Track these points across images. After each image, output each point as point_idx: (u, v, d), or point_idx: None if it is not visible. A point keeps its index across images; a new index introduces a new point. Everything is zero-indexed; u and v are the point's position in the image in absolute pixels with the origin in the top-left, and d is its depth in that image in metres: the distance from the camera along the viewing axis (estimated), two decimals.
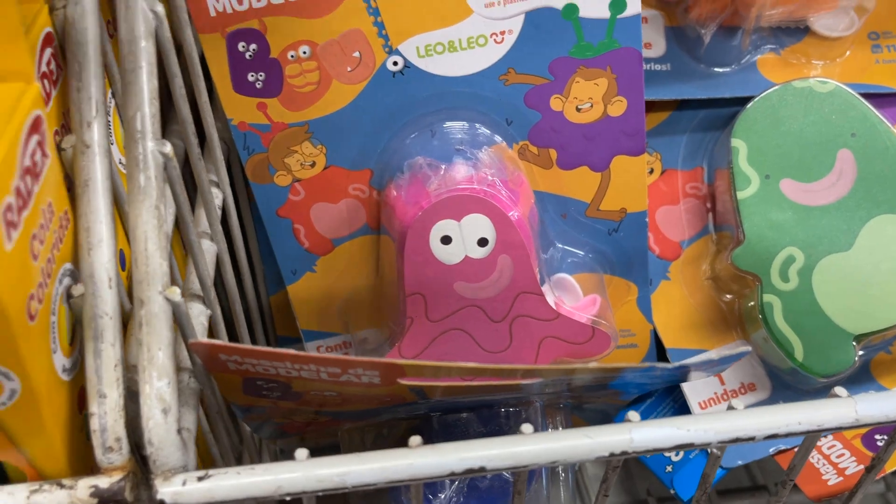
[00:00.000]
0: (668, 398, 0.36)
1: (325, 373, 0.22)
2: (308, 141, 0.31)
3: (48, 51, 0.22)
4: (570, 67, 0.31)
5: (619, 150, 0.32)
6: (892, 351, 0.34)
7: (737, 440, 0.22)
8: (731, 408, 0.23)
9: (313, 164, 0.32)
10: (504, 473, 0.26)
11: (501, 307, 0.31)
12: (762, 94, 0.33)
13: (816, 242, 0.32)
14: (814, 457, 0.32)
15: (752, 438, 0.22)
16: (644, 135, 0.32)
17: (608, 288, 0.35)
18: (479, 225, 0.30)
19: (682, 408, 0.36)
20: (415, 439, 0.22)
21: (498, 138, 0.32)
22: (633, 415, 0.22)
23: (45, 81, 0.21)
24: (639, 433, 0.22)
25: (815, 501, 0.31)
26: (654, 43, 0.35)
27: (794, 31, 0.36)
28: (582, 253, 0.35)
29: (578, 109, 0.32)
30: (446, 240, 0.30)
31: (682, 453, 0.35)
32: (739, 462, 0.34)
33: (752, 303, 0.33)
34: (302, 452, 0.21)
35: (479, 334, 0.32)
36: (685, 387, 0.34)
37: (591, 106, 0.32)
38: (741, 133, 0.33)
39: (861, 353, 0.32)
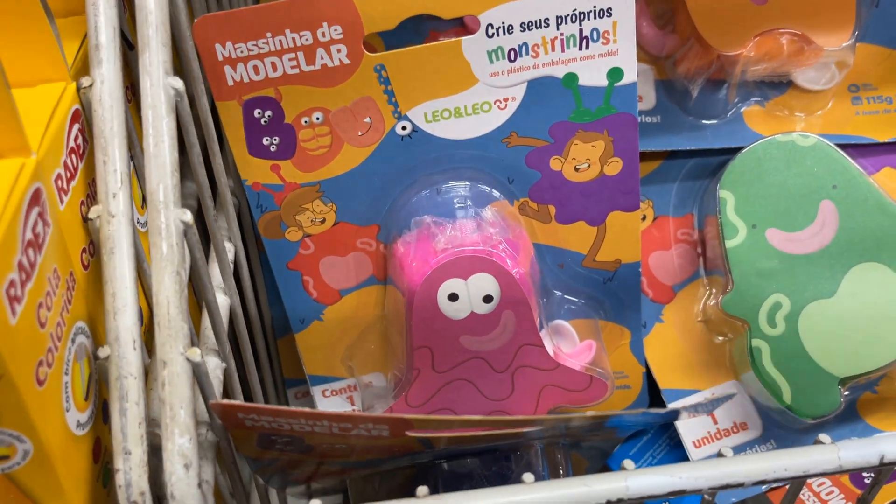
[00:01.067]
0: (663, 436, 0.37)
1: (337, 427, 0.23)
2: (319, 199, 0.33)
3: (76, 126, 0.23)
4: (569, 131, 0.33)
5: (614, 206, 0.34)
6: (878, 391, 0.35)
7: (727, 486, 0.23)
8: (720, 455, 0.24)
9: (323, 221, 0.33)
10: None
11: (504, 358, 0.33)
12: (747, 148, 0.35)
13: (802, 289, 0.33)
14: (804, 493, 0.33)
15: (741, 485, 0.23)
16: (638, 192, 0.34)
17: (603, 332, 0.36)
18: (484, 283, 0.31)
19: (676, 445, 0.37)
20: (422, 489, 0.23)
21: (498, 195, 0.34)
22: (628, 463, 0.23)
23: (73, 156, 0.23)
24: (634, 481, 0.23)
25: None
26: (644, 96, 0.37)
27: (777, 85, 0.37)
28: (578, 300, 0.36)
29: (577, 169, 0.33)
30: (453, 297, 0.31)
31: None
32: (733, 500, 0.35)
33: (742, 346, 0.34)
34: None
35: (483, 384, 0.33)
36: (679, 427, 0.36)
37: (589, 166, 0.33)
38: (728, 184, 0.35)
39: (847, 393, 0.33)
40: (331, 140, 0.31)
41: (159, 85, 0.23)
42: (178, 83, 0.23)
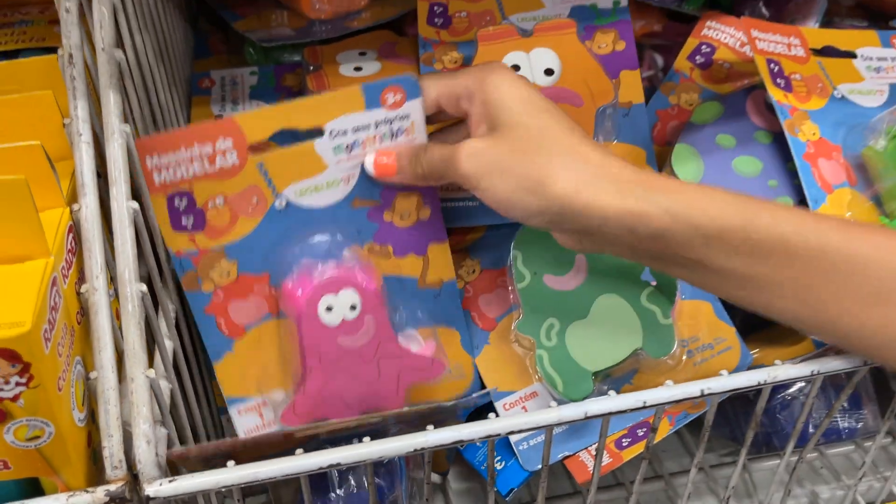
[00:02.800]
0: None
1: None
2: (224, 258, 0.43)
3: (71, 235, 0.37)
4: (392, 192, 0.45)
5: (431, 240, 0.46)
6: (634, 382, 0.49)
7: (489, 436, 0.37)
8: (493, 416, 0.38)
9: (229, 274, 0.43)
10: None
11: (370, 351, 0.44)
12: None
13: (567, 314, 0.47)
14: (585, 457, 0.47)
15: (498, 435, 0.37)
16: (444, 229, 0.46)
17: (441, 335, 0.48)
18: (350, 296, 0.43)
19: None
20: (299, 451, 0.36)
21: (352, 242, 0.45)
22: (430, 428, 0.37)
23: (70, 254, 0.36)
24: (432, 436, 0.37)
25: (582, 484, 0.46)
26: None
27: None
28: (420, 313, 0.48)
29: (402, 217, 0.46)
30: (329, 308, 0.43)
31: (503, 463, 0.49)
32: (538, 466, 0.47)
33: (534, 356, 0.48)
34: (231, 462, 0.35)
35: (358, 372, 0.44)
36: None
37: (410, 214, 0.46)
38: (518, 245, 0.48)
39: (605, 387, 0.46)
40: (230, 216, 0.42)
41: (123, 207, 0.37)
42: (135, 205, 0.37)
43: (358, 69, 0.57)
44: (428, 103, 0.43)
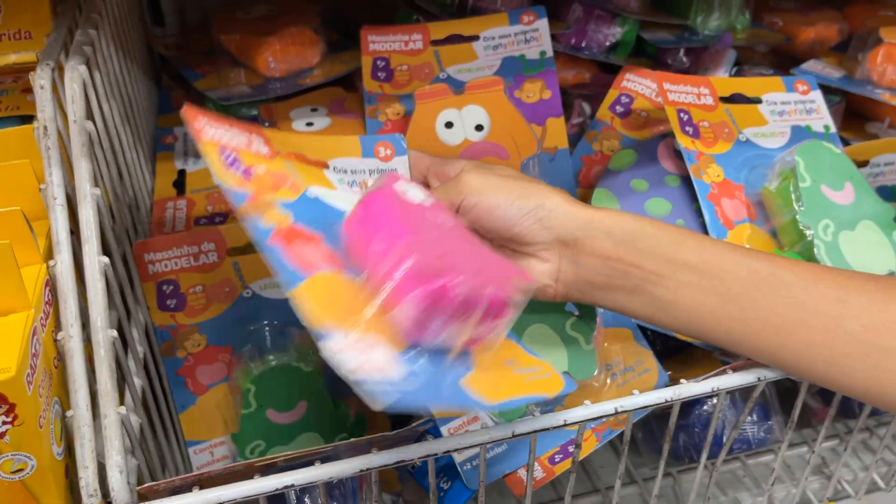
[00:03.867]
0: None
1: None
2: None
3: (47, 289, 0.41)
4: None
5: None
6: (565, 403, 0.54)
7: (427, 456, 0.42)
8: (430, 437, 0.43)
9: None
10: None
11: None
12: None
13: None
14: (523, 474, 0.52)
15: (436, 454, 0.42)
16: None
17: None
18: None
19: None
20: (257, 476, 0.41)
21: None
22: (375, 450, 0.42)
23: (47, 306, 0.41)
24: (375, 458, 0.41)
25: (519, 497, 0.51)
26: None
27: None
28: None
29: None
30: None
31: (449, 483, 0.54)
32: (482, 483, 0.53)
33: None
34: (196, 489, 0.40)
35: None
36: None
37: None
38: None
39: (536, 410, 0.52)
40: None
41: (94, 262, 0.41)
42: (106, 259, 0.42)
43: (310, 124, 0.62)
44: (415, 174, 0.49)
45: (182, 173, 0.62)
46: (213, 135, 0.39)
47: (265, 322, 0.52)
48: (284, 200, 0.40)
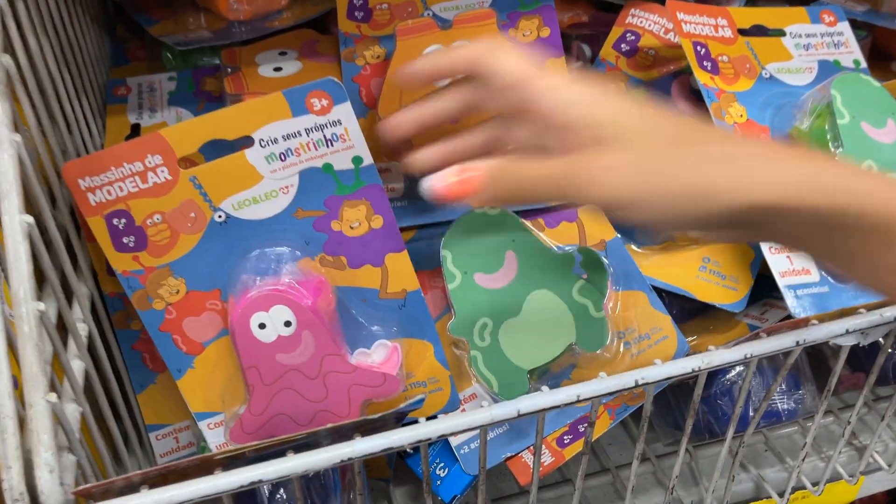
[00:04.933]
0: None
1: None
2: (171, 276, 0.43)
3: None
4: (338, 202, 0.44)
5: (387, 250, 0.45)
6: (572, 377, 0.48)
7: (419, 442, 0.36)
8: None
9: (178, 291, 0.43)
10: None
11: (313, 368, 0.44)
12: (457, 220, 0.47)
13: (499, 313, 0.46)
14: (527, 457, 0.46)
15: (428, 439, 0.36)
16: (401, 238, 0.46)
17: (410, 348, 0.47)
18: (282, 312, 0.42)
19: None
20: (218, 470, 0.34)
21: (300, 254, 0.45)
22: (358, 436, 0.36)
23: None
24: (359, 445, 0.35)
25: (525, 485, 0.45)
26: (395, 187, 0.50)
27: None
28: (385, 326, 0.46)
29: (351, 227, 0.45)
30: (262, 325, 0.42)
31: (446, 469, 0.48)
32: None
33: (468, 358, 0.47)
34: (145, 488, 0.33)
35: (304, 390, 0.44)
36: None
37: (359, 224, 0.45)
38: (447, 245, 0.47)
39: (545, 384, 0.46)
40: (170, 233, 0.42)
41: (15, 221, 0.34)
42: (29, 219, 0.35)
43: (278, 69, 0.55)
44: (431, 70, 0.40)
45: (136, 127, 0.55)
46: (97, 199, 0.41)
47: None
48: (178, 259, 0.43)
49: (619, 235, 0.50)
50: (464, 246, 0.47)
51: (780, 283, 0.47)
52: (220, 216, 0.43)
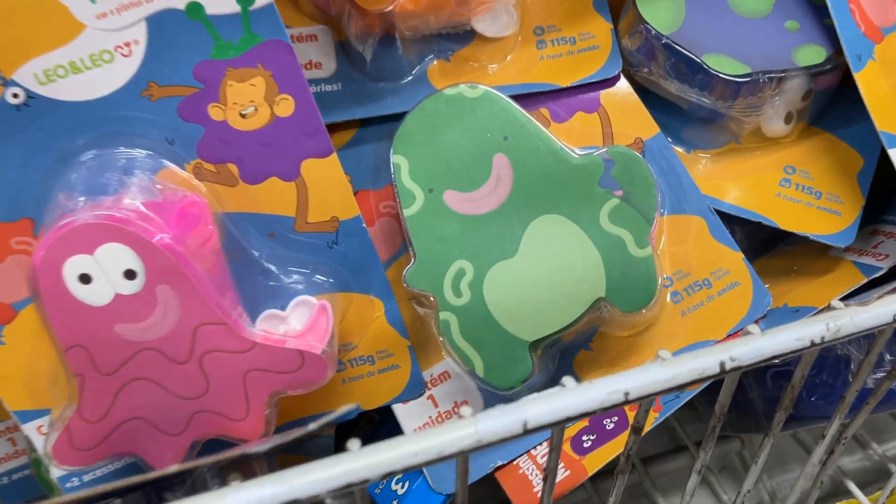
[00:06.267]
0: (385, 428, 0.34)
1: None
2: None
3: None
4: (216, 71, 0.27)
5: (304, 153, 0.29)
6: (593, 348, 0.32)
7: (349, 486, 0.19)
8: (344, 449, 0.20)
9: None
10: None
11: (181, 346, 0.28)
12: (416, 107, 0.30)
13: (484, 252, 0.29)
14: (528, 468, 0.30)
15: (366, 481, 0.19)
16: (326, 133, 0.29)
17: (351, 307, 0.32)
18: (118, 255, 0.26)
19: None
20: None
21: (163, 161, 0.29)
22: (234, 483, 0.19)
23: None
24: (232, 497, 0.18)
25: None
26: (323, 63, 0.33)
27: (460, 37, 0.33)
28: (307, 273, 0.31)
29: (243, 115, 0.28)
30: (85, 278, 0.26)
31: (405, 485, 0.32)
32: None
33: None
34: None
35: (169, 381, 0.28)
36: (399, 414, 0.32)
37: (256, 110, 0.28)
38: (401, 148, 0.30)
39: (547, 360, 0.30)
40: None
41: None
42: None
43: None
44: None
45: None
46: None
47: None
48: None
49: (661, 132, 0.33)
50: (427, 149, 0.30)
51: None
52: (14, 95, 0.26)
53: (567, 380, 0.22)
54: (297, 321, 0.30)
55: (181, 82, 0.27)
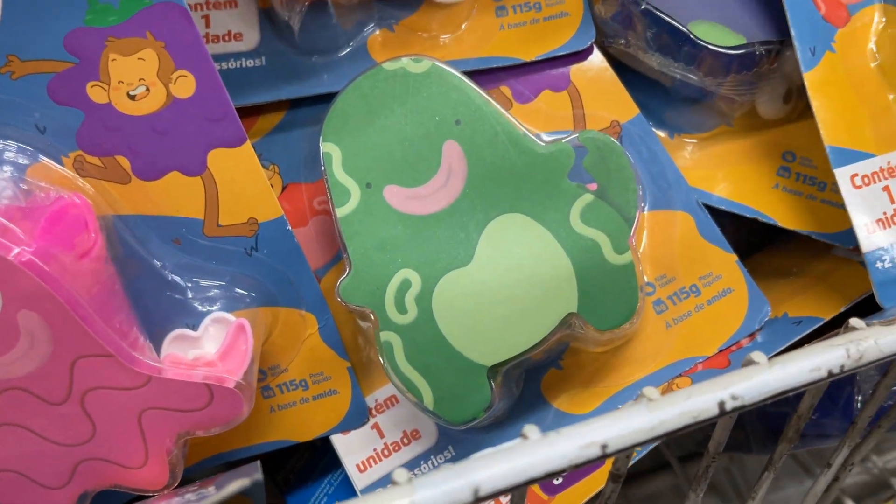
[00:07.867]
0: (332, 473, 0.29)
1: None
2: None
3: None
4: (94, 41, 0.22)
5: (210, 142, 0.24)
6: (563, 366, 0.27)
7: None
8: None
9: None
10: None
11: (56, 383, 0.23)
12: (349, 85, 0.25)
13: (432, 260, 0.24)
14: None
15: None
16: (236, 118, 0.24)
17: (278, 324, 0.27)
18: None
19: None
20: None
21: (36, 156, 0.23)
22: None
23: None
24: None
25: None
26: (244, 33, 0.27)
27: (406, 2, 0.28)
28: (221, 284, 0.26)
29: (132, 97, 0.23)
30: None
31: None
32: None
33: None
34: None
35: (44, 427, 0.23)
36: (339, 447, 0.27)
37: (147, 89, 0.23)
38: (332, 135, 0.25)
39: (512, 387, 0.25)
40: None
41: None
42: None
43: None
44: None
45: None
46: None
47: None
48: None
49: (640, 114, 0.28)
50: (364, 135, 0.25)
51: None
52: None
53: (530, 429, 0.17)
54: (211, 343, 0.25)
55: (49, 56, 0.22)
